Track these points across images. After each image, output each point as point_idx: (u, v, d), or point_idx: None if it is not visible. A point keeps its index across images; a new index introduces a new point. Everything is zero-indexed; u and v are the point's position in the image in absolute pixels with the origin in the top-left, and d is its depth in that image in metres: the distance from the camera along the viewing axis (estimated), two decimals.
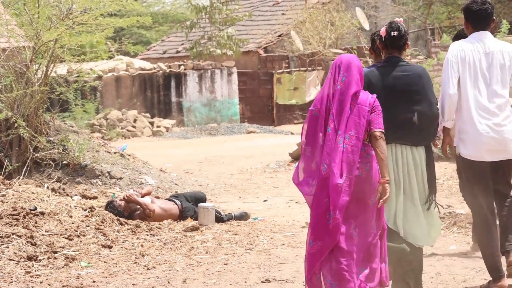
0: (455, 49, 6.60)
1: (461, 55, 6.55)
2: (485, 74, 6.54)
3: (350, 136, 5.68)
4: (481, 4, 6.64)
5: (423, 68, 6.56)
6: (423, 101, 6.30)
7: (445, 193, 11.55)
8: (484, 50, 6.56)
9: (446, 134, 6.55)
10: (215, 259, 7.84)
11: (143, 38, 42.81)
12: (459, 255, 7.52)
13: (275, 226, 9.77)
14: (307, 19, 30.63)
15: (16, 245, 7.95)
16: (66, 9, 13.11)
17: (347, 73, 5.81)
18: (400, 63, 6.39)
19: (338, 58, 5.93)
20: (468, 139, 6.50)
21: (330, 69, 5.90)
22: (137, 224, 9.36)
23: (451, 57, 6.55)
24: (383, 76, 6.32)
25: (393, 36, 6.41)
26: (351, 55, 5.99)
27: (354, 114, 5.71)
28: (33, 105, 12.69)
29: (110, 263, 7.72)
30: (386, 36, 6.43)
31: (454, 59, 6.54)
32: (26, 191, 10.09)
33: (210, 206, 9.85)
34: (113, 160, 13.45)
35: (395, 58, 6.42)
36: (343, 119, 5.70)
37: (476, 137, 6.45)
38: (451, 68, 6.53)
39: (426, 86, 6.36)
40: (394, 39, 6.42)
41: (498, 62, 6.54)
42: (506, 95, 6.53)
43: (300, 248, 8.24)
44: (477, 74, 6.53)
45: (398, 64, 6.39)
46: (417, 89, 6.33)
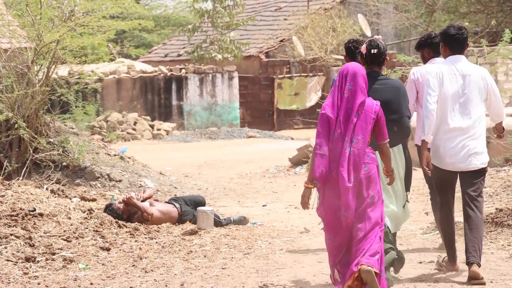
0: (434, 70, 7.25)
1: (440, 76, 7.20)
2: (460, 94, 7.22)
3: (357, 140, 6.28)
4: (458, 29, 7.37)
5: (401, 82, 7.37)
6: (398, 111, 7.10)
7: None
8: (460, 72, 7.24)
9: (424, 148, 7.19)
10: (213, 263, 7.84)
11: (145, 41, 42.84)
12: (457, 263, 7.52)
13: (274, 231, 9.77)
14: (309, 24, 30.66)
15: (14, 246, 7.95)
16: (68, 10, 13.12)
17: (353, 82, 6.37)
18: (379, 77, 7.13)
19: (345, 67, 6.45)
20: (442, 152, 7.22)
21: (337, 77, 6.45)
22: (135, 227, 9.36)
23: (431, 78, 7.20)
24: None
25: (373, 53, 7.14)
26: (356, 64, 6.52)
27: (361, 120, 6.30)
28: (34, 106, 12.69)
29: (108, 266, 7.72)
30: (366, 53, 7.16)
31: (434, 80, 7.18)
32: (25, 192, 10.09)
33: (209, 210, 9.85)
34: (113, 163, 13.44)
35: (375, 73, 7.14)
36: (350, 126, 6.28)
37: (449, 150, 7.18)
38: (432, 87, 7.17)
39: (401, 98, 7.17)
40: (374, 55, 7.16)
41: (474, 84, 7.23)
42: (479, 114, 7.23)
43: (299, 254, 8.24)
44: (454, 94, 7.20)
45: (378, 78, 7.13)
46: (394, 100, 7.10)
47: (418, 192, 12.41)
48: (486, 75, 7.42)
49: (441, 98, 7.18)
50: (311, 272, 7.30)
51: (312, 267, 7.57)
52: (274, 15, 35.81)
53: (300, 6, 35.23)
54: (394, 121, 7.04)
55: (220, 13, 30.73)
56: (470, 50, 23.28)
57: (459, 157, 7.20)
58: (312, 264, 7.71)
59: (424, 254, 7.97)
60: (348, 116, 6.31)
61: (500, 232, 8.54)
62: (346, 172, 6.24)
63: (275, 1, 37.43)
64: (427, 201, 11.57)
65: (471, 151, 7.20)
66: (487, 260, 7.56)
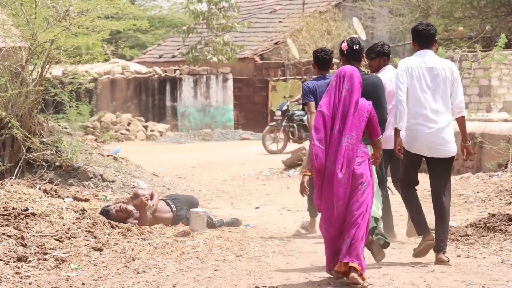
0: (404, 64, 7.87)
1: (409, 70, 7.83)
2: (428, 85, 7.84)
3: (351, 136, 6.91)
4: (426, 26, 8.09)
5: (379, 78, 8.10)
6: (378, 106, 7.68)
7: None
8: (427, 65, 7.86)
9: (397, 135, 7.80)
10: (205, 265, 7.83)
11: (139, 42, 42.79)
12: (449, 268, 7.52)
13: (267, 233, 9.77)
14: (304, 27, 30.68)
15: (6, 245, 7.93)
16: (63, 10, 13.11)
17: (350, 83, 6.98)
18: (360, 73, 7.37)
19: (342, 69, 7.03)
20: (413, 137, 7.84)
21: (334, 78, 7.03)
22: (128, 227, 9.35)
23: (400, 71, 7.79)
24: None
25: (355, 49, 7.69)
26: (352, 67, 7.11)
27: (355, 118, 6.92)
28: (27, 106, 12.67)
29: (100, 266, 7.71)
30: (348, 49, 7.71)
31: (403, 73, 7.79)
32: (18, 192, 10.07)
33: (202, 212, 9.84)
34: (106, 163, 13.43)
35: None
36: (348, 122, 6.91)
37: (419, 136, 7.78)
38: (401, 79, 7.78)
39: (380, 93, 7.92)
40: (356, 51, 7.72)
41: (440, 75, 7.84)
42: (446, 104, 7.84)
43: (291, 256, 8.24)
44: (422, 85, 7.83)
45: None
46: (374, 95, 7.72)
47: None
48: (452, 66, 7.96)
49: (412, 89, 7.79)
50: (303, 275, 7.30)
51: (305, 269, 7.57)
52: (269, 18, 35.82)
53: (295, 8, 35.25)
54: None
55: (215, 15, 30.72)
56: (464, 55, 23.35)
57: (430, 143, 7.79)
58: (305, 266, 7.71)
59: (416, 258, 7.97)
60: (345, 113, 6.93)
61: (493, 237, 8.56)
62: (340, 163, 6.86)
63: (270, 4, 37.45)
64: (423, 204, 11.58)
65: (442, 139, 7.80)
66: (479, 265, 7.57)
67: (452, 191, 12.16)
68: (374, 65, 9.27)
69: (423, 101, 7.80)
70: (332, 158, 6.88)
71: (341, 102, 6.95)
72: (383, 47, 9.34)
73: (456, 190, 12.28)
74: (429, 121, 7.79)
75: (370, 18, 32.88)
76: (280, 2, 37.10)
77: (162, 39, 41.16)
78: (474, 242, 8.47)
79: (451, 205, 10.19)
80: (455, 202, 11.52)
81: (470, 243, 8.46)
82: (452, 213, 10.84)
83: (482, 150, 13.71)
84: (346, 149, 6.87)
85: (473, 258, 7.89)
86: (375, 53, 9.27)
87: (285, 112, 21.80)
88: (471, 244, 8.43)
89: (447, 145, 7.81)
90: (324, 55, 9.54)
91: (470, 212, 10.83)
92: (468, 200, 11.50)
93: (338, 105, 6.95)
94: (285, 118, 21.72)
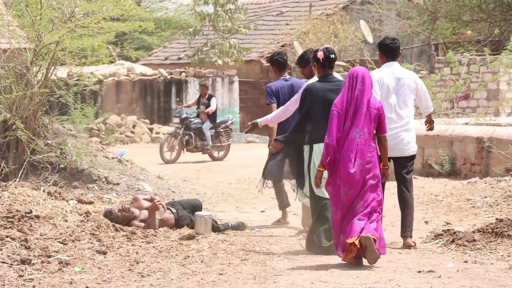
0: (375, 76, 8.87)
1: (380, 81, 8.92)
2: (397, 92, 8.97)
3: (363, 132, 7.75)
4: (392, 40, 9.12)
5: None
6: None
7: (444, 210, 11.54)
8: (395, 75, 8.98)
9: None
10: (210, 269, 7.83)
11: (145, 44, 42.83)
12: (456, 273, 7.51)
13: (272, 237, 9.76)
14: (310, 30, 30.67)
15: (9, 248, 7.94)
16: (68, 12, 13.12)
17: (362, 83, 7.81)
18: (334, 79, 8.65)
19: (354, 70, 7.90)
20: None
21: (347, 78, 7.85)
22: (132, 230, 9.35)
23: (374, 83, 8.55)
24: (323, 89, 8.57)
25: (331, 58, 8.56)
26: (364, 68, 8.01)
27: (367, 116, 7.77)
28: (32, 108, 12.70)
29: (104, 269, 7.71)
30: (324, 58, 8.54)
31: (376, 84, 8.82)
32: (22, 194, 10.08)
33: (207, 215, 9.84)
34: (111, 166, 13.44)
35: (330, 75, 8.64)
36: (360, 120, 7.74)
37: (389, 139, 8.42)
38: (376, 90, 8.76)
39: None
40: (331, 60, 8.58)
41: (407, 85, 8.96)
42: (411, 110, 9.03)
43: (297, 260, 8.23)
44: (390, 93, 8.96)
45: (332, 80, 8.63)
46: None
47: (418, 201, 12.40)
48: (415, 78, 9.15)
49: (382, 96, 8.85)
50: (309, 279, 7.29)
51: (310, 274, 7.55)
52: (276, 20, 35.82)
53: (302, 11, 35.24)
54: None
55: (221, 17, 30.72)
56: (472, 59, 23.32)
57: (395, 144, 8.85)
58: (310, 271, 7.70)
59: (423, 263, 7.96)
60: (357, 111, 7.76)
61: (500, 243, 8.53)
62: (353, 158, 7.70)
63: (277, 6, 37.45)
64: (426, 210, 11.57)
65: (405, 140, 8.98)
66: (486, 271, 7.56)
67: (460, 196, 12.18)
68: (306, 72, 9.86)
69: (391, 106, 8.91)
70: (342, 151, 7.73)
71: (354, 100, 7.78)
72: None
73: (463, 195, 12.26)
74: (393, 123, 8.88)
75: (377, 21, 32.86)
76: (287, 4, 37.10)
77: (168, 41, 41.19)
78: (481, 247, 8.44)
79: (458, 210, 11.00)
80: (462, 207, 11.51)
81: (478, 248, 8.44)
82: (459, 218, 10.83)
83: (490, 154, 13.68)
84: (359, 144, 7.69)
85: (480, 263, 7.88)
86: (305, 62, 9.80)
87: (184, 120, 20.60)
88: (479, 249, 8.41)
89: (408, 145, 9.00)
90: (281, 58, 10.66)
91: (477, 217, 10.81)
92: (475, 205, 11.48)
93: (351, 103, 7.78)
94: (183, 126, 20.53)
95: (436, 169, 14.55)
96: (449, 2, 29.49)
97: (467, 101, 23.49)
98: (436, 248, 8.78)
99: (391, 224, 10.45)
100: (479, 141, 13.83)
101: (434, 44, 29.74)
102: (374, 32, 31.23)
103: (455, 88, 21.36)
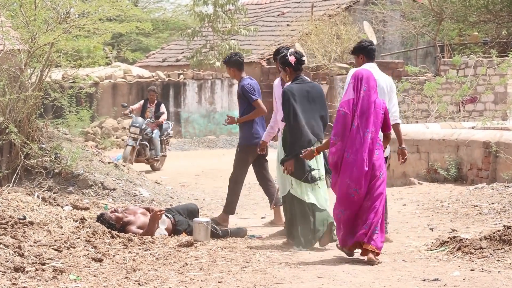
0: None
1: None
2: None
3: (371, 131, 8.32)
4: (369, 42, 9.83)
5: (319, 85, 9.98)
6: (324, 108, 9.49)
7: (450, 216, 11.54)
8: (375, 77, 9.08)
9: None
10: (209, 277, 7.83)
11: (142, 45, 42.83)
12: (462, 282, 7.51)
13: (272, 244, 9.76)
14: (312, 31, 30.66)
15: (3, 255, 7.93)
16: (63, 12, 13.14)
17: (367, 85, 8.38)
18: (306, 80, 9.44)
19: (359, 72, 8.49)
20: None
21: (352, 79, 8.43)
22: (129, 237, 9.35)
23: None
24: (302, 89, 9.29)
25: (302, 61, 9.37)
26: (368, 70, 8.62)
27: (374, 116, 8.32)
28: (26, 111, 12.70)
29: (100, 277, 7.71)
30: (296, 61, 9.31)
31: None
32: (15, 200, 10.08)
33: (205, 221, 9.84)
34: (107, 170, 13.44)
35: (303, 77, 9.38)
36: (369, 119, 8.30)
37: None
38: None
39: (324, 98, 9.63)
40: (302, 62, 9.38)
41: (380, 86, 9.30)
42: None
43: (298, 268, 8.23)
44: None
45: (305, 81, 9.43)
46: (322, 100, 9.48)
47: (423, 207, 12.41)
48: (391, 81, 9.75)
49: None
50: None
51: (312, 282, 7.56)
52: (276, 21, 35.83)
53: (303, 12, 35.25)
54: (323, 118, 9.42)
55: (221, 18, 30.74)
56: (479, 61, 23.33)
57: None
58: (312, 279, 7.70)
59: (428, 271, 7.97)
60: (364, 112, 8.31)
61: (508, 251, 8.53)
62: (366, 156, 8.28)
63: (278, 6, 37.46)
64: (431, 217, 11.57)
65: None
66: (494, 279, 7.56)
67: (466, 202, 12.18)
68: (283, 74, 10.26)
69: None
70: (351, 150, 8.29)
71: (360, 101, 8.32)
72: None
73: (470, 201, 12.26)
74: None
75: (381, 22, 32.85)
76: (288, 5, 37.11)
77: (166, 43, 41.19)
78: (488, 255, 8.44)
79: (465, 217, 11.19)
80: (469, 214, 11.51)
81: (485, 256, 8.43)
82: (466, 225, 10.83)
83: (497, 159, 13.68)
84: (369, 144, 8.29)
85: (487, 272, 7.88)
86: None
87: (143, 130, 19.39)
88: (486, 257, 8.40)
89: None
90: (240, 58, 11.19)
91: (484, 224, 10.81)
92: (482, 211, 11.48)
93: (357, 104, 8.31)
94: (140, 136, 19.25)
95: (441, 175, 14.55)
96: (455, 2, 29.50)
97: (473, 104, 23.52)
98: (442, 256, 8.78)
99: (395, 231, 10.46)
100: (486, 145, 13.82)
101: (439, 45, 29.74)
102: (378, 34, 31.23)
103: (462, 91, 21.37)
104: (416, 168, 15.00)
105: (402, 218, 11.61)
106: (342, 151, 8.30)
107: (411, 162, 14.98)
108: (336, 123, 8.35)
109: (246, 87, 11.16)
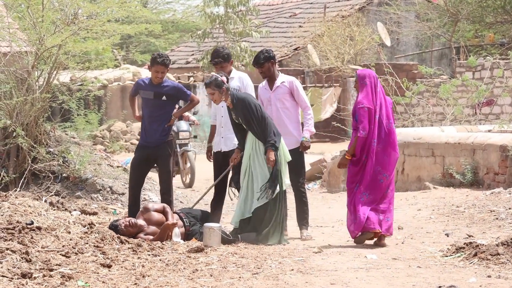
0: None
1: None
2: None
3: (390, 123, 9.72)
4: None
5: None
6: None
7: (466, 222, 11.51)
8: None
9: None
10: (219, 283, 7.83)
11: (152, 47, 42.91)
12: None
13: (284, 250, 9.76)
14: (325, 32, 30.64)
15: (10, 261, 7.95)
16: (71, 13, 13.17)
17: (378, 82, 9.80)
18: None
19: (370, 72, 9.82)
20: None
21: (367, 78, 9.72)
22: (138, 243, 9.36)
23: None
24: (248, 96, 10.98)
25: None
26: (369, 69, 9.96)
27: (388, 108, 9.76)
28: (34, 114, 12.73)
29: (108, 284, 7.72)
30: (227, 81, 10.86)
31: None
32: (23, 204, 10.11)
33: (216, 227, 9.84)
34: (116, 175, 13.46)
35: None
36: (389, 112, 9.75)
37: None
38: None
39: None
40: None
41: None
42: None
43: (310, 275, 8.23)
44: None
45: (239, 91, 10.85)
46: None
47: (438, 212, 12.38)
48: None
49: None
50: None
51: None
52: (288, 22, 35.84)
53: (316, 13, 35.25)
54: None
55: (232, 19, 30.73)
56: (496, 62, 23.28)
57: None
58: (324, 285, 7.70)
59: (444, 278, 7.95)
60: (382, 106, 9.67)
61: None
62: (395, 145, 9.68)
63: (290, 7, 37.48)
64: (447, 222, 11.55)
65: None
66: (511, 286, 7.53)
67: (482, 207, 12.15)
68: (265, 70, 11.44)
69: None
70: (381, 140, 9.61)
71: (378, 96, 9.65)
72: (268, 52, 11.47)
73: (486, 206, 12.24)
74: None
75: (395, 23, 32.83)
76: (300, 5, 37.12)
77: (176, 44, 41.27)
78: (505, 261, 8.42)
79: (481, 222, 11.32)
80: (485, 219, 11.48)
81: (502, 262, 8.41)
82: (482, 231, 10.80)
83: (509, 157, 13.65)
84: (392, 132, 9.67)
85: (504, 278, 7.85)
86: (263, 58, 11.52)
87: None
88: (503, 263, 8.38)
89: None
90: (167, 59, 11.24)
91: (501, 229, 10.78)
92: (499, 216, 11.45)
93: (376, 99, 9.62)
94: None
95: (457, 179, 14.51)
96: (471, 3, 29.43)
97: (490, 107, 23.46)
98: (458, 262, 8.76)
99: (410, 237, 10.44)
100: (503, 149, 13.78)
101: (455, 47, 29.69)
102: (392, 35, 31.21)
103: (478, 94, 21.33)
104: (431, 172, 14.97)
105: (417, 224, 11.59)
106: (370, 141, 9.58)
107: (426, 166, 14.95)
108: (362, 119, 9.56)
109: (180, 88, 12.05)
